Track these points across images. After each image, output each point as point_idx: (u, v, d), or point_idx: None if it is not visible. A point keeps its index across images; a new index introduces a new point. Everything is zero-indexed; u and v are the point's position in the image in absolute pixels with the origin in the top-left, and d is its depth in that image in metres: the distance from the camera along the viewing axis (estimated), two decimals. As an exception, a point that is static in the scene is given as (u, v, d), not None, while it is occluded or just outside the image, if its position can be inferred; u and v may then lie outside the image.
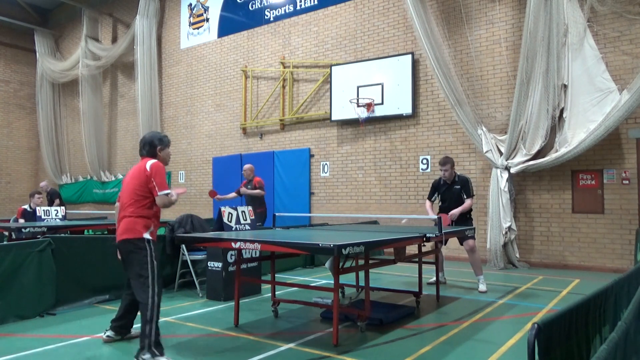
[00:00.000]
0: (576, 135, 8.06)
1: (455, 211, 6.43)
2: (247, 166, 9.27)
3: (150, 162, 3.82)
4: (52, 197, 12.71)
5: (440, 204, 6.83)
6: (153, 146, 3.95)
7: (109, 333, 4.10)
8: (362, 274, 5.42)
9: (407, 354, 3.79)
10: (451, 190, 6.64)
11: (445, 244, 6.45)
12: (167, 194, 3.78)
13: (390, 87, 10.30)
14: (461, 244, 6.49)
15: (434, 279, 6.68)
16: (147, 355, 3.50)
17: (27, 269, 4.89)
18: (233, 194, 9.21)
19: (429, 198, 6.91)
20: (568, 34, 8.18)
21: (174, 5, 14.97)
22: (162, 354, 3.55)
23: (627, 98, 7.55)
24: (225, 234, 4.76)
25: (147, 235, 3.75)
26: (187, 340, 4.11)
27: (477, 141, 9.03)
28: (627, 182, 8.01)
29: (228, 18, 13.53)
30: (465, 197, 6.56)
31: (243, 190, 9.00)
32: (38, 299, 4.96)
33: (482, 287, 6.39)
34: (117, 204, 3.99)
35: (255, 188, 8.88)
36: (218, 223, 6.21)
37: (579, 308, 2.17)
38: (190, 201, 14.13)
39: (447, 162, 6.61)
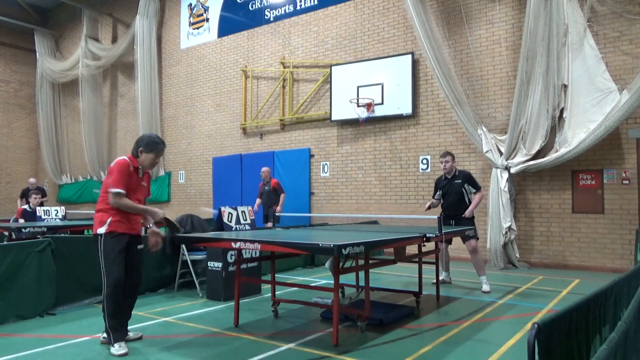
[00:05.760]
0: (576, 135, 8.06)
1: (470, 208, 6.51)
2: (264, 169, 10.16)
3: (118, 159, 3.99)
4: (43, 195, 12.60)
5: (442, 201, 6.79)
6: (137, 146, 4.10)
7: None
8: (362, 274, 5.42)
9: (407, 354, 3.79)
10: (452, 185, 6.66)
11: (450, 244, 6.55)
12: (116, 193, 3.81)
13: (390, 87, 10.30)
14: (464, 243, 6.45)
15: (438, 278, 6.72)
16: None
17: (27, 269, 4.88)
18: (258, 201, 10.13)
19: (433, 197, 6.91)
20: (568, 34, 8.18)
21: (174, 5, 14.96)
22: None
23: (627, 98, 7.55)
24: (225, 234, 4.75)
25: (101, 230, 3.89)
26: (187, 340, 4.11)
27: (477, 141, 9.03)
28: (627, 182, 8.01)
29: (228, 18, 13.53)
30: (474, 190, 6.63)
31: (278, 209, 9.75)
32: (38, 299, 4.96)
33: (486, 287, 6.34)
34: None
35: (274, 189, 9.89)
36: (218, 223, 6.22)
37: (579, 308, 2.17)
38: (190, 201, 14.14)
39: (447, 154, 6.72)
